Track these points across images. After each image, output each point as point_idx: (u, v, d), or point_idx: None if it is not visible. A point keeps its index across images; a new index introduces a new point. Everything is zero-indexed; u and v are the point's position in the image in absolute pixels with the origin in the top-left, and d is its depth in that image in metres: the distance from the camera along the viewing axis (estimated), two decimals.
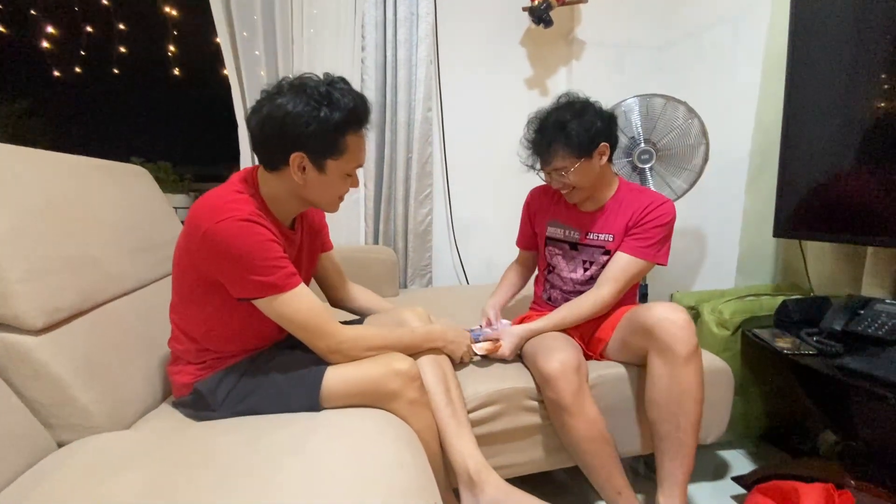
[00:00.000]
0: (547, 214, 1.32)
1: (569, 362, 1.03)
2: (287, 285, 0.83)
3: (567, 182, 1.16)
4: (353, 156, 0.88)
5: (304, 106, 0.81)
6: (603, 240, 1.22)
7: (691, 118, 1.54)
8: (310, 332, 0.87)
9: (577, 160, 1.13)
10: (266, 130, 0.84)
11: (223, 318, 0.90)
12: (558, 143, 1.12)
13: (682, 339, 0.98)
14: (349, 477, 0.67)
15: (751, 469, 1.28)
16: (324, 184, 0.89)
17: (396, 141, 1.91)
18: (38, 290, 0.81)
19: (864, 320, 1.11)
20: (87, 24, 2.20)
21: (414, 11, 1.84)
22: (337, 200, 0.96)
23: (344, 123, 0.84)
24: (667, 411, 1.01)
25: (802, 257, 1.50)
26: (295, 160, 0.84)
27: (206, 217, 0.81)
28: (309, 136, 0.82)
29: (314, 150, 0.85)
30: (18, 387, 0.79)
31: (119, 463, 0.71)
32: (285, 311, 0.84)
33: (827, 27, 1.29)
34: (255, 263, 0.80)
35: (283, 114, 0.82)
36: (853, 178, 1.24)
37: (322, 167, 0.86)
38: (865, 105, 1.20)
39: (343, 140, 0.85)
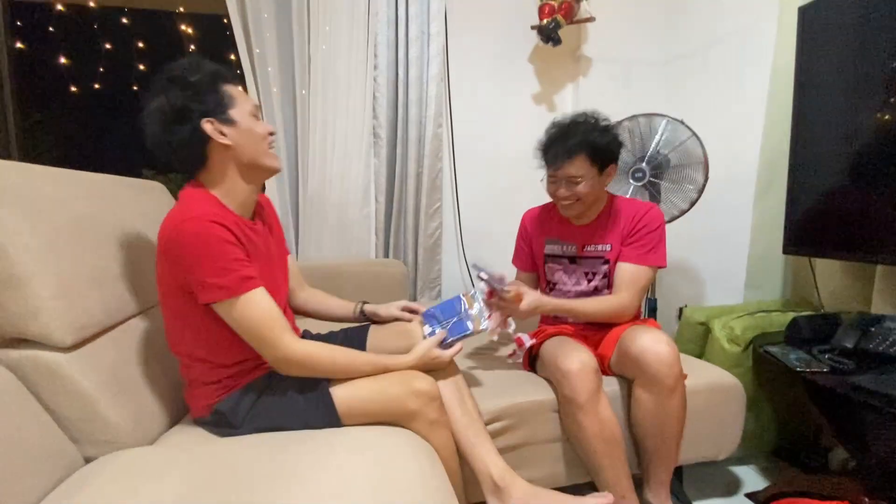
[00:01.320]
0: (543, 233, 1.35)
1: (589, 363, 1.06)
2: (240, 289, 0.82)
3: (575, 192, 1.17)
4: (241, 97, 0.92)
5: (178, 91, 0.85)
6: (601, 250, 1.26)
7: (690, 137, 1.57)
8: (256, 340, 0.85)
9: (592, 172, 1.16)
10: (174, 131, 0.86)
11: (216, 327, 0.88)
12: (583, 151, 1.14)
13: (666, 374, 1.02)
14: (371, 491, 0.69)
15: (763, 485, 1.28)
16: (242, 133, 0.90)
17: (407, 156, 1.95)
18: (67, 307, 0.83)
19: (876, 338, 1.12)
20: (105, 41, 2.26)
21: (425, 31, 1.88)
22: (266, 146, 0.95)
23: (213, 79, 0.88)
24: (652, 432, 1.08)
25: (812, 273, 1.51)
26: (207, 125, 0.86)
27: (167, 226, 0.84)
28: (200, 102, 0.85)
29: (213, 111, 0.87)
30: (47, 402, 0.81)
31: (147, 478, 0.73)
32: (235, 316, 0.83)
33: (834, 43, 1.30)
34: (209, 265, 0.81)
35: (170, 107, 0.85)
36: (862, 195, 1.25)
37: (229, 120, 0.88)
38: (873, 121, 1.21)
39: (223, 93, 0.88)
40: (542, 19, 1.89)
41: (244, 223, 0.92)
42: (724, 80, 1.84)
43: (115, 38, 2.23)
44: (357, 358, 0.93)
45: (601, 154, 1.16)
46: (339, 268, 1.85)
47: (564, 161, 1.15)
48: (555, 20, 1.84)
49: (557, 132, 1.20)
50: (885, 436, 1.00)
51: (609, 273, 1.26)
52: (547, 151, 1.20)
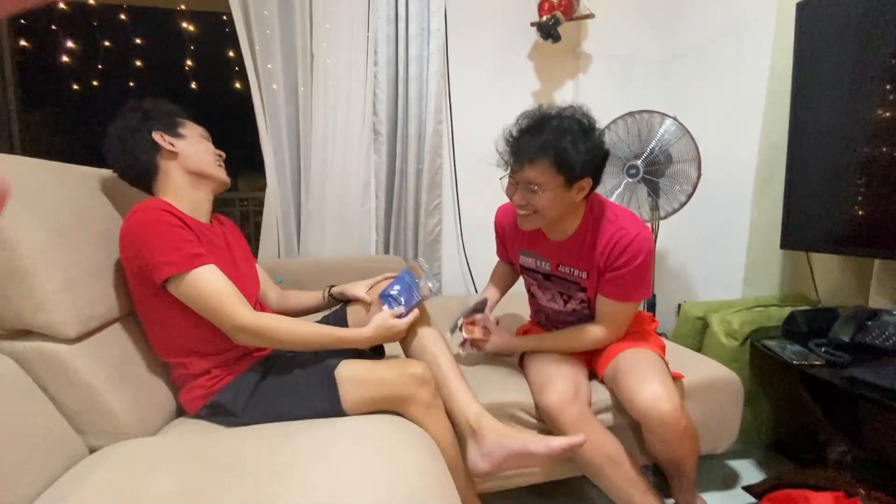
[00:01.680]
0: (516, 241, 1.23)
1: (566, 394, 1.02)
2: (189, 265, 0.85)
3: (531, 202, 0.99)
4: (191, 125, 1.04)
5: (133, 114, 0.98)
6: (577, 276, 1.11)
7: (683, 133, 1.58)
8: (212, 314, 0.87)
9: (556, 183, 0.96)
10: (129, 141, 0.96)
11: (191, 318, 0.90)
12: (547, 155, 0.94)
13: (671, 430, 0.97)
14: (371, 481, 0.70)
15: (760, 478, 1.29)
16: (190, 145, 1.00)
17: (407, 153, 1.95)
18: (72, 300, 0.84)
19: (872, 331, 1.13)
20: (105, 38, 2.26)
21: (425, 27, 1.89)
22: (214, 160, 1.04)
23: (167, 111, 1.02)
24: (666, 464, 1.10)
25: (810, 269, 1.52)
26: (157, 136, 0.97)
27: (122, 226, 0.90)
28: (153, 119, 0.98)
29: (164, 126, 0.99)
30: (52, 393, 0.83)
31: (151, 468, 0.74)
32: (188, 291, 0.86)
33: (832, 39, 1.31)
34: (158, 244, 0.85)
35: (124, 125, 0.97)
36: (860, 191, 1.26)
37: (179, 134, 1.00)
38: (871, 117, 1.22)
39: (175, 119, 1.02)
40: (541, 16, 1.90)
41: (197, 223, 0.97)
42: (723, 77, 1.85)
43: (115, 35, 2.24)
44: (315, 330, 0.95)
45: (570, 165, 0.94)
46: (339, 264, 1.86)
47: (525, 161, 0.96)
48: (554, 17, 1.85)
49: (527, 125, 1.00)
50: (881, 428, 1.01)
51: (589, 301, 1.14)
52: (513, 143, 1.02)
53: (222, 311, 0.86)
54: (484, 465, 0.92)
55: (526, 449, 0.90)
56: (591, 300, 1.14)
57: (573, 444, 0.88)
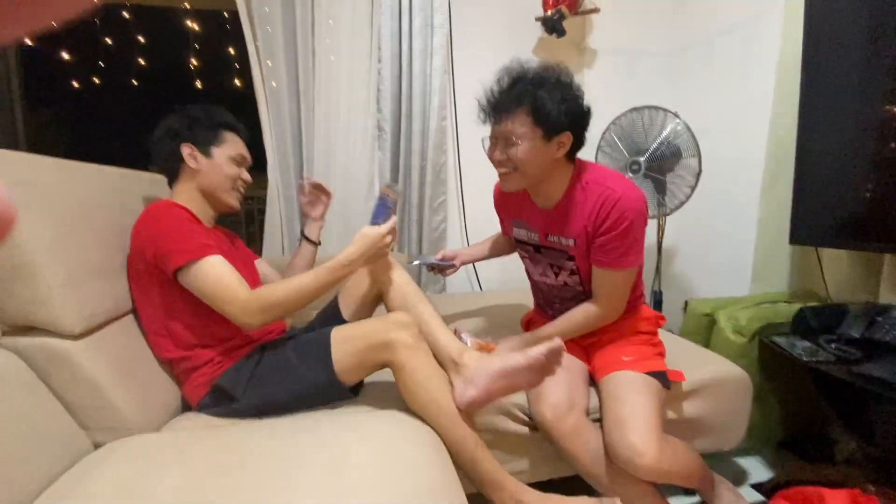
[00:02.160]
0: (511, 212, 1.21)
1: (560, 405, 0.99)
2: (199, 253, 0.91)
3: (511, 155, 0.97)
4: (232, 145, 1.09)
5: (183, 119, 1.06)
6: (564, 244, 1.07)
7: (684, 129, 1.56)
8: (219, 300, 0.90)
9: (535, 135, 0.94)
10: (162, 142, 1.05)
11: (195, 307, 0.95)
12: (524, 105, 0.93)
13: (655, 476, 0.92)
14: (376, 477, 0.70)
15: (769, 476, 1.28)
16: (213, 166, 1.06)
17: (411, 149, 1.95)
18: (77, 296, 0.84)
19: (883, 327, 1.11)
20: (107, 36, 2.26)
21: (429, 23, 1.88)
22: (232, 190, 1.09)
23: (217, 123, 1.07)
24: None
25: (819, 264, 1.50)
26: (185, 149, 1.03)
27: (137, 222, 0.97)
28: (189, 130, 1.04)
29: (198, 141, 1.04)
30: (57, 390, 0.82)
31: (155, 464, 0.74)
32: (198, 277, 0.90)
33: (841, 32, 1.28)
34: (173, 235, 0.92)
35: (167, 125, 1.06)
36: (870, 185, 1.24)
37: (208, 153, 1.05)
38: (881, 110, 1.20)
39: (220, 134, 1.07)
40: (546, 10, 1.88)
41: (206, 227, 1.06)
42: (730, 71, 1.83)
43: (117, 33, 2.24)
44: (307, 276, 0.97)
45: (546, 114, 0.92)
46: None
47: (503, 113, 0.95)
48: (559, 11, 1.84)
49: (505, 81, 0.98)
50: (892, 425, 0.99)
51: (579, 270, 1.09)
52: (488, 99, 0.99)
53: (228, 297, 0.90)
54: (470, 391, 0.91)
55: (507, 365, 0.90)
56: (580, 270, 1.09)
57: (552, 349, 0.86)
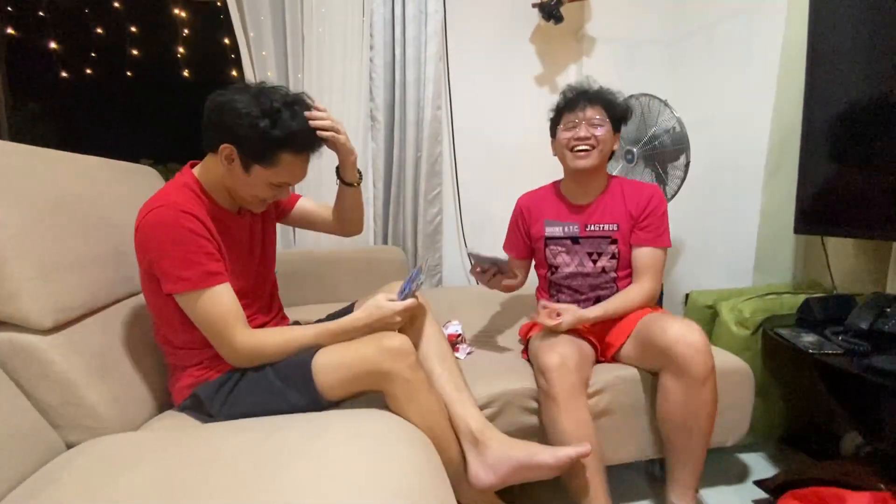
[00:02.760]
0: (542, 215, 1.31)
1: (569, 358, 1.02)
2: (201, 283, 0.82)
3: (595, 135, 1.18)
4: (283, 172, 0.89)
5: (252, 109, 0.83)
6: (608, 230, 1.23)
7: (673, 117, 1.54)
8: (211, 335, 0.85)
9: (609, 125, 1.20)
10: (212, 115, 0.87)
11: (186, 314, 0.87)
12: (602, 103, 1.20)
13: (698, 362, 0.97)
14: (359, 475, 0.66)
15: (772, 472, 1.24)
16: (245, 183, 0.89)
17: (405, 140, 1.90)
18: (47, 289, 0.80)
19: (892, 318, 1.08)
20: (97, 25, 2.22)
21: (423, 9, 1.83)
22: (258, 202, 0.95)
23: (280, 141, 0.85)
24: (680, 427, 1.03)
25: (825, 254, 1.46)
26: (224, 150, 0.86)
27: (140, 215, 0.84)
28: (243, 137, 0.84)
29: (245, 151, 0.86)
30: (27, 387, 0.79)
31: (128, 464, 0.70)
32: (194, 309, 0.83)
33: (848, 17, 1.25)
34: (175, 255, 0.81)
35: (230, 107, 0.84)
36: (876, 172, 1.20)
37: (248, 168, 0.87)
38: (888, 96, 1.16)
39: (277, 155, 0.86)
40: None
41: (225, 214, 0.94)
42: (732, 59, 1.77)
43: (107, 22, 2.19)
44: (306, 332, 0.91)
45: (616, 113, 1.21)
46: (336, 254, 1.82)
47: (588, 105, 1.19)
48: None
49: (579, 88, 1.24)
50: None
51: (619, 254, 1.23)
52: (570, 100, 1.22)
53: (222, 336, 0.85)
54: (488, 477, 0.89)
55: (533, 460, 0.87)
56: (620, 253, 1.24)
57: (580, 454, 0.88)
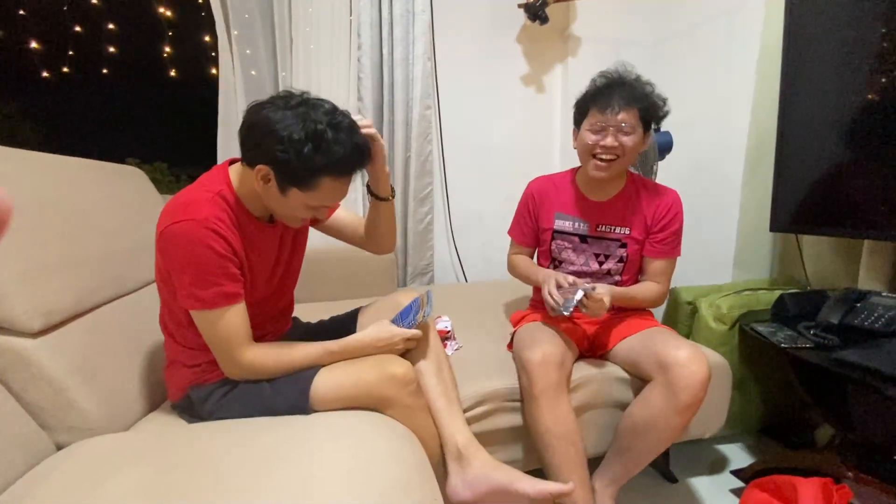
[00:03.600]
0: (553, 205, 1.26)
1: (551, 355, 1.02)
2: (216, 304, 0.82)
3: (622, 143, 1.09)
4: (322, 196, 0.85)
5: (293, 132, 0.77)
6: (619, 233, 1.20)
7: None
8: (216, 350, 0.86)
9: (640, 131, 1.09)
10: (252, 132, 0.81)
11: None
12: (640, 105, 1.08)
13: (692, 395, 0.95)
14: (347, 473, 0.67)
15: (749, 463, 1.29)
16: (282, 203, 0.86)
17: (394, 140, 1.91)
18: (34, 292, 0.81)
19: (861, 313, 1.12)
20: (76, 24, 2.18)
21: (410, 9, 1.84)
22: (296, 219, 0.92)
23: (323, 168, 0.81)
24: (642, 435, 1.02)
25: (799, 251, 1.51)
26: (260, 171, 0.81)
27: (166, 217, 0.81)
28: (282, 161, 0.79)
29: (282, 174, 0.81)
30: (16, 389, 0.79)
31: (117, 465, 0.71)
32: (204, 324, 0.84)
33: (822, 20, 1.28)
34: (195, 273, 0.80)
35: (270, 129, 0.78)
36: (849, 172, 1.24)
37: (284, 190, 0.83)
38: (861, 98, 1.20)
39: (317, 180, 0.82)
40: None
41: (256, 224, 0.91)
42: (714, 59, 1.81)
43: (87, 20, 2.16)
44: (308, 352, 0.90)
45: (652, 116, 1.11)
46: (327, 255, 1.82)
47: (620, 106, 1.07)
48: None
49: (612, 80, 1.12)
50: (868, 410, 1.00)
51: (627, 258, 1.21)
52: (600, 94, 1.10)
53: (226, 353, 0.85)
54: (465, 493, 0.89)
55: (512, 486, 0.86)
56: (629, 257, 1.21)
57: (563, 491, 0.86)
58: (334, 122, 0.81)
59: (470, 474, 0.89)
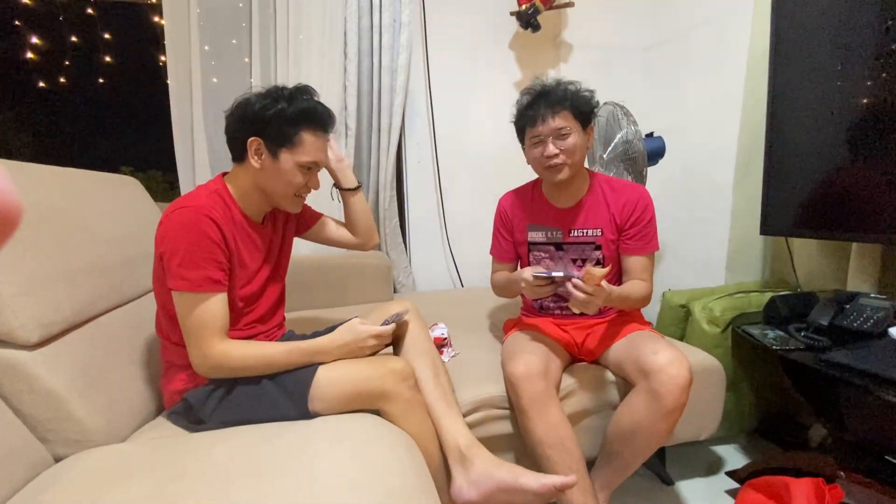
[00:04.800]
0: (525, 219, 1.28)
1: (534, 366, 1.02)
2: (199, 287, 0.85)
3: (564, 147, 1.11)
4: (307, 149, 0.95)
5: (265, 99, 0.92)
6: (592, 235, 1.21)
7: (632, 123, 1.58)
8: (187, 336, 0.87)
9: (577, 127, 1.11)
10: (233, 117, 0.95)
11: None
12: (566, 105, 1.10)
13: (674, 398, 0.95)
14: (347, 481, 0.68)
15: (744, 463, 1.30)
16: (278, 172, 0.95)
17: (380, 146, 1.92)
18: (32, 304, 0.81)
19: (850, 314, 1.14)
20: (72, 33, 2.19)
21: (397, 18, 1.86)
22: (293, 197, 0.99)
23: (298, 117, 0.93)
24: (629, 440, 1.02)
25: (789, 254, 1.53)
26: (252, 144, 0.93)
27: (168, 210, 0.89)
28: (265, 121, 0.91)
29: (269, 137, 0.92)
30: (14, 402, 0.79)
31: (117, 476, 0.71)
32: (182, 307, 0.86)
33: (809, 24, 1.30)
34: (185, 255, 0.85)
35: (246, 104, 0.93)
36: (837, 176, 1.26)
37: (276, 155, 0.93)
38: (847, 103, 1.22)
39: (298, 134, 0.93)
40: (520, 5, 1.88)
41: (248, 223, 0.99)
42: (703, 65, 1.84)
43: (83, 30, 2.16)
44: (280, 352, 0.90)
45: (584, 108, 1.12)
46: (321, 261, 1.83)
47: (549, 115, 1.10)
48: (533, 6, 1.83)
49: (535, 92, 1.15)
50: (859, 410, 1.01)
51: (604, 259, 1.21)
52: (528, 110, 1.13)
53: (198, 340, 0.86)
54: (470, 493, 0.89)
55: (517, 482, 0.86)
56: (605, 257, 1.21)
57: (566, 484, 0.86)
58: (296, 89, 0.96)
59: (474, 474, 0.90)
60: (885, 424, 0.95)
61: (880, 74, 1.14)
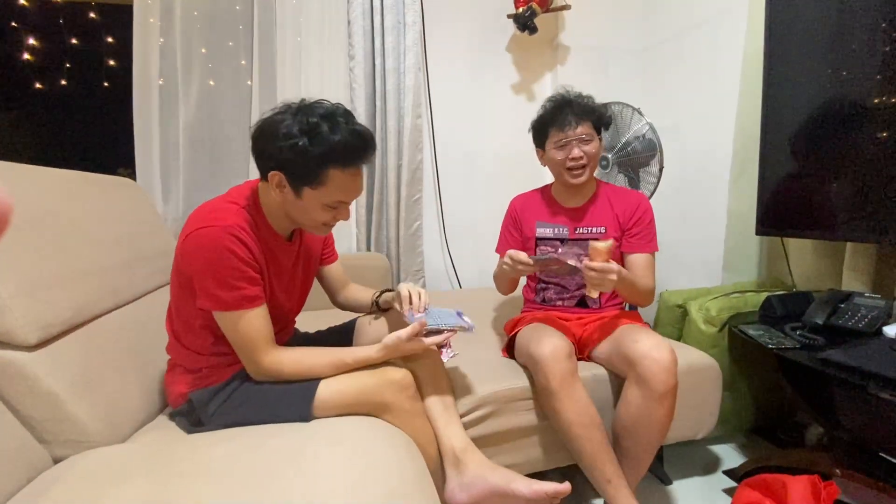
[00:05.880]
0: (534, 216, 1.36)
1: (561, 348, 1.05)
2: (238, 307, 0.84)
3: (588, 151, 1.22)
4: (334, 189, 0.85)
5: (290, 129, 0.81)
6: (596, 232, 1.29)
7: (647, 126, 1.58)
8: (240, 351, 0.88)
9: (596, 136, 1.24)
10: (257, 143, 0.86)
11: (208, 322, 0.90)
12: (590, 117, 1.23)
13: (661, 380, 0.99)
14: (347, 481, 0.68)
15: (741, 462, 1.31)
16: (300, 208, 0.88)
17: (387, 148, 1.93)
18: (30, 306, 0.81)
19: (845, 314, 1.15)
20: (72, 36, 2.19)
21: (401, 20, 1.87)
22: (320, 226, 0.92)
23: (323, 157, 0.82)
24: (633, 434, 1.05)
25: (785, 254, 1.54)
26: (273, 178, 0.85)
27: (193, 222, 0.85)
28: (284, 161, 0.82)
29: (291, 175, 0.84)
30: (13, 403, 0.79)
31: (116, 477, 0.71)
32: (227, 326, 0.86)
33: (803, 25, 1.32)
34: (218, 276, 0.82)
35: (270, 132, 0.83)
36: (831, 176, 1.28)
37: (298, 192, 0.85)
38: (840, 104, 1.23)
39: (323, 172, 0.83)
40: (517, 7, 1.89)
41: (275, 240, 0.94)
42: (699, 67, 1.86)
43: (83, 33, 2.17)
44: (324, 362, 0.91)
45: (602, 123, 1.27)
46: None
47: (578, 122, 1.21)
48: (530, 8, 1.84)
49: (561, 100, 1.25)
50: (853, 408, 1.02)
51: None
52: (557, 116, 1.23)
53: (250, 354, 0.87)
54: (462, 496, 0.90)
55: (509, 487, 0.87)
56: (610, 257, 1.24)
57: (559, 492, 0.86)
58: (328, 114, 0.83)
59: (467, 477, 0.90)
60: (879, 422, 0.96)
61: (874, 75, 1.15)
